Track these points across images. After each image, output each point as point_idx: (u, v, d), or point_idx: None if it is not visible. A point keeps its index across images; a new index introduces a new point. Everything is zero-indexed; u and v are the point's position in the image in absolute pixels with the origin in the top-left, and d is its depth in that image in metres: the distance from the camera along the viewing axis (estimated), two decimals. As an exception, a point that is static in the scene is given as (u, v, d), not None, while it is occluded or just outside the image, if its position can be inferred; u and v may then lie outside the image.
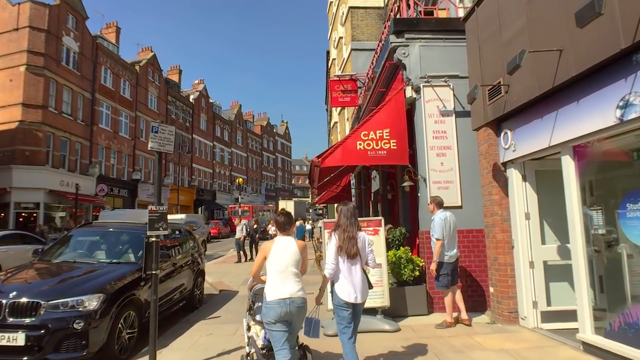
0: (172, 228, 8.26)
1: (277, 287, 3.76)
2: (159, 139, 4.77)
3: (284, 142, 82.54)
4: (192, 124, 46.01)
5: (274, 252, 3.85)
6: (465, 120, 6.99)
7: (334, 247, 4.04)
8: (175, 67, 47.84)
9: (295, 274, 3.84)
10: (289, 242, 3.91)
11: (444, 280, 5.90)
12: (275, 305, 3.69)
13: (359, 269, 4.04)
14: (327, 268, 4.02)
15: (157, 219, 4.64)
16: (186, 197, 42.67)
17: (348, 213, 4.16)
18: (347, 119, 19.43)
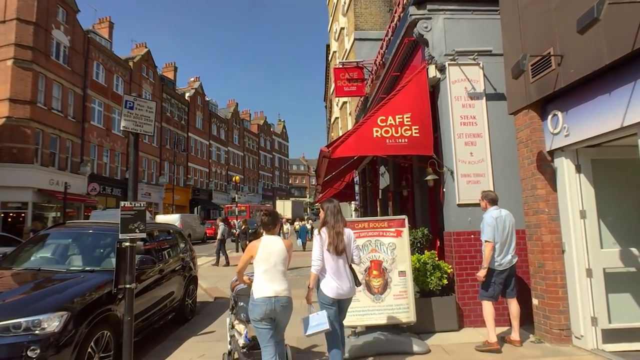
0: (160, 229, 7.30)
1: (263, 286, 3.83)
2: (135, 117, 3.80)
3: (281, 141, 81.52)
4: (187, 123, 44.96)
5: (261, 251, 3.90)
6: (498, 104, 6.06)
7: (319, 244, 4.07)
8: (170, 64, 46.76)
9: (282, 272, 3.92)
10: (276, 241, 3.98)
11: (491, 290, 4.95)
12: (261, 303, 3.76)
13: (344, 265, 4.08)
14: (314, 265, 4.04)
15: (131, 218, 3.67)
16: (182, 196, 41.62)
17: (335, 210, 4.20)
18: (350, 113, 18.47)
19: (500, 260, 4.92)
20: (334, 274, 4.01)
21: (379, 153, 6.05)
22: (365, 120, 6.06)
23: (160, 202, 37.96)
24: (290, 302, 3.92)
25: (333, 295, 3.98)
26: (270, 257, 3.88)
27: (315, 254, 4.06)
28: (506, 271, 4.96)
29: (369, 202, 13.92)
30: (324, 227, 4.15)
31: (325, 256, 4.04)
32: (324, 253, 4.04)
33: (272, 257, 3.88)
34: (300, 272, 12.23)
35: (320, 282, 4.05)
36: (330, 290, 3.99)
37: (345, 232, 4.14)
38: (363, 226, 5.28)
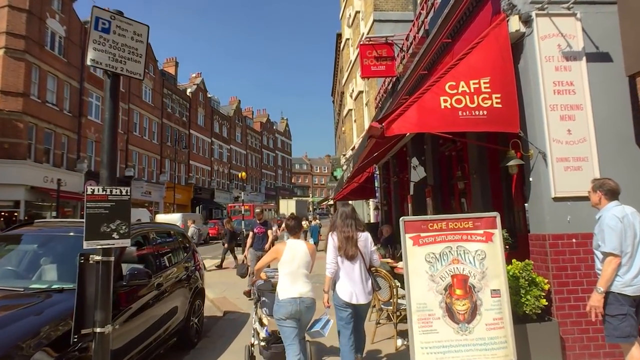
0: (158, 230, 5.84)
1: (288, 288, 3.94)
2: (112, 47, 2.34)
3: (284, 139, 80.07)
4: (189, 119, 43.53)
5: (286, 254, 4.01)
6: (603, 67, 4.61)
7: (332, 247, 4.07)
8: (171, 59, 45.33)
9: (305, 275, 4.02)
10: (300, 245, 4.10)
11: (621, 325, 3.33)
12: (286, 304, 3.88)
13: (360, 269, 4.05)
14: (328, 268, 4.07)
15: (105, 214, 2.22)
16: (183, 195, 40.18)
17: (343, 215, 4.18)
18: (366, 103, 17.01)
19: (631, 281, 3.35)
20: (349, 278, 4.01)
21: (450, 129, 4.58)
22: (429, 88, 4.59)
23: (161, 201, 36.52)
24: (314, 303, 4.02)
25: (347, 299, 3.96)
26: (293, 261, 4.00)
27: (330, 257, 4.08)
28: (638, 297, 3.40)
29: (395, 199, 12.45)
30: (335, 231, 4.12)
31: (340, 260, 4.05)
32: (339, 257, 4.04)
33: (295, 260, 4.00)
34: (319, 279, 10.82)
35: (336, 284, 4.06)
36: (344, 294, 3.99)
37: (360, 236, 4.12)
38: (440, 227, 3.82)
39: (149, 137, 35.55)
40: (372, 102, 15.38)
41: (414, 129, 4.71)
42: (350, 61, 19.04)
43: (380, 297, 5.48)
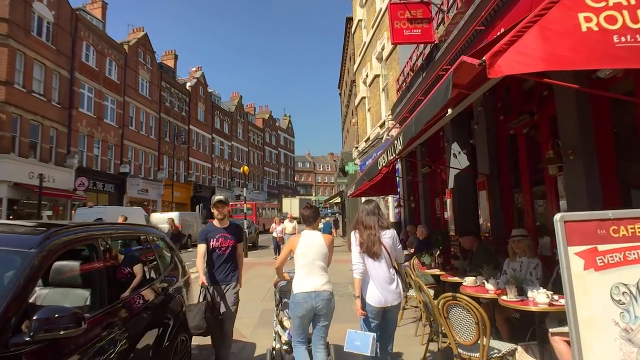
0: (122, 234, 4.01)
1: (302, 281, 3.78)
2: None
3: (287, 136, 78.24)
4: (188, 114, 41.73)
5: (301, 245, 3.89)
6: None
7: (356, 246, 3.80)
8: (170, 52, 43.51)
9: (321, 267, 3.85)
10: (316, 236, 3.95)
11: None
12: (302, 301, 3.71)
13: (387, 269, 3.73)
14: (355, 269, 3.72)
15: None
16: (182, 193, 38.42)
17: (365, 211, 3.94)
18: (383, 88, 15.17)
19: None
20: (376, 280, 3.68)
21: (603, 64, 2.76)
22: (553, 4, 2.73)
23: (158, 199, 34.76)
24: (332, 296, 3.83)
25: (377, 304, 3.63)
26: (309, 253, 3.84)
27: (355, 257, 3.77)
28: None
29: (423, 194, 10.60)
30: (356, 229, 3.90)
31: (366, 261, 3.73)
32: (365, 258, 3.74)
33: (310, 252, 3.85)
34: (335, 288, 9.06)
35: (363, 290, 3.70)
36: (373, 299, 3.65)
37: (385, 234, 3.86)
38: (633, 231, 1.95)
39: (146, 132, 33.77)
40: (391, 86, 13.53)
41: (537, 65, 2.80)
42: (364, 43, 17.18)
43: (457, 338, 3.61)
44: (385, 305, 3.63)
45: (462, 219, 8.05)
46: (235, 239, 4.65)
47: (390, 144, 5.07)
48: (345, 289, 9.27)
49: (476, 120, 6.93)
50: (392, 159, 5.03)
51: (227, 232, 4.63)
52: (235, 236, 4.67)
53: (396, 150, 4.76)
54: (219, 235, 4.57)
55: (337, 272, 11.29)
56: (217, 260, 4.51)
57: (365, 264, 3.72)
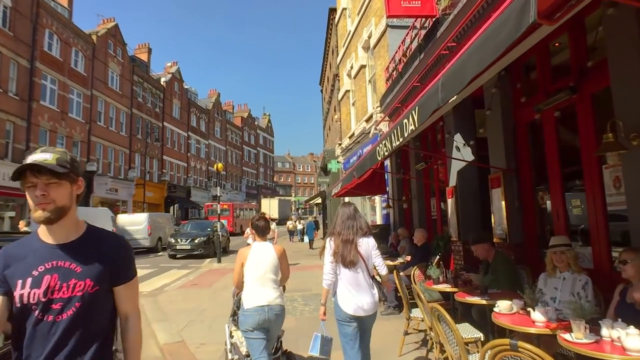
0: None
1: (254, 295, 3.64)
2: None
3: (267, 136, 76.64)
4: (163, 111, 39.88)
5: (251, 258, 3.73)
6: None
7: (329, 254, 3.62)
8: (143, 45, 41.60)
9: (273, 280, 3.72)
10: (267, 248, 3.82)
11: None
12: (254, 313, 3.57)
13: (362, 277, 3.56)
14: (325, 279, 3.63)
15: None
16: (155, 193, 36.63)
17: (344, 215, 3.72)
18: (369, 80, 14.05)
19: None
20: (352, 287, 3.52)
21: None
22: None
23: (129, 199, 32.89)
24: (283, 310, 3.75)
25: (351, 311, 3.48)
26: (260, 265, 3.71)
27: (327, 267, 3.62)
28: None
29: (417, 194, 9.48)
30: (332, 235, 3.68)
31: (341, 269, 3.57)
32: (339, 266, 3.56)
33: (262, 265, 3.71)
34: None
35: (337, 295, 3.57)
36: (347, 306, 3.50)
37: (361, 241, 3.62)
38: None
39: (116, 128, 31.89)
40: (379, 76, 12.42)
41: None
42: (349, 32, 16.04)
43: None
44: (360, 314, 3.51)
45: (466, 222, 6.95)
46: (96, 277, 1.66)
47: (397, 125, 3.89)
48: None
49: (488, 106, 5.82)
50: (399, 144, 3.86)
51: (73, 257, 1.66)
52: (96, 270, 1.67)
53: (406, 131, 3.59)
54: (42, 271, 1.63)
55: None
56: (39, 343, 1.59)
57: (340, 272, 3.58)
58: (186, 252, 18.67)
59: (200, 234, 19.42)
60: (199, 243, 18.69)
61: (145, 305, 8.05)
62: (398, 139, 3.84)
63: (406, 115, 3.60)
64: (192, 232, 19.87)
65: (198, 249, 18.53)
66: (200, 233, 19.61)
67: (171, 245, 18.91)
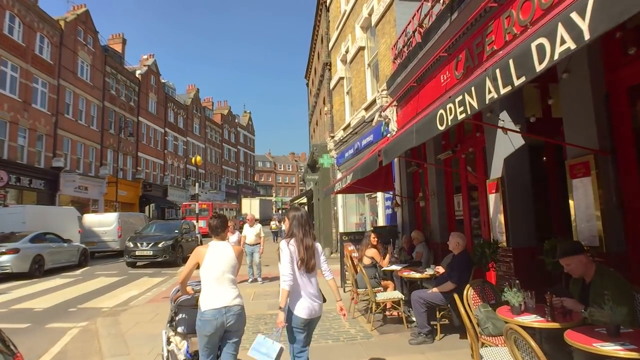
0: None
1: (212, 296, 3.52)
2: None
3: (247, 134, 74.56)
4: (138, 105, 37.63)
5: (209, 258, 3.60)
6: None
7: (288, 257, 3.53)
8: (118, 35, 39.19)
9: (231, 280, 3.64)
10: (225, 247, 3.69)
11: None
12: (211, 318, 3.44)
13: (315, 281, 3.65)
14: (285, 281, 3.48)
15: None
16: (129, 192, 34.40)
17: (302, 220, 3.71)
18: (369, 63, 12.52)
19: None
20: (307, 293, 3.56)
21: None
22: None
23: (100, 198, 30.61)
24: (243, 310, 3.64)
25: (306, 315, 3.52)
26: (218, 265, 3.58)
27: (286, 269, 3.52)
28: None
29: (436, 190, 7.96)
30: (292, 240, 3.63)
31: (297, 273, 3.55)
32: (295, 270, 3.54)
33: (220, 265, 3.59)
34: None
35: (291, 302, 3.54)
36: (303, 311, 3.52)
37: (314, 246, 3.66)
38: None
39: (86, 121, 29.61)
40: (383, 56, 10.89)
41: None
42: (344, 12, 14.48)
43: None
44: (312, 317, 3.56)
45: (516, 223, 5.47)
46: None
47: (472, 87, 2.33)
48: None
49: (565, 67, 4.31)
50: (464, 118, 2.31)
51: None
52: None
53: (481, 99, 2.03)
54: None
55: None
56: None
57: (295, 276, 3.54)
58: (148, 259, 15.56)
59: (165, 237, 16.29)
60: (163, 248, 15.57)
61: (101, 331, 6.32)
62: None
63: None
64: (156, 235, 16.65)
65: (162, 255, 15.43)
66: (166, 236, 16.50)
67: (129, 251, 15.65)
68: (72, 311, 8.19)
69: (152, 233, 17.17)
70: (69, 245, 15.68)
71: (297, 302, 3.51)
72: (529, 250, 5.45)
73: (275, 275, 11.65)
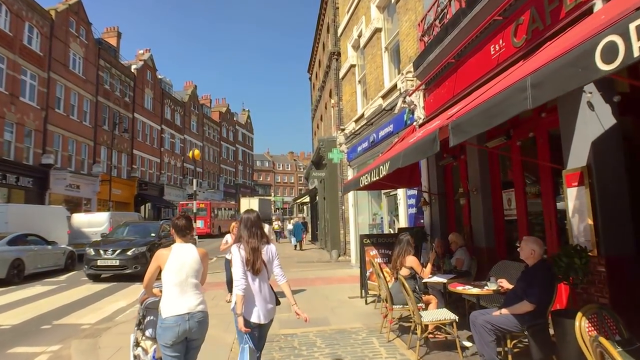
0: None
1: (174, 302, 3.32)
2: None
3: (246, 132, 73.17)
4: (133, 100, 36.26)
5: (172, 261, 3.37)
6: None
7: (240, 260, 3.55)
8: (112, 29, 37.87)
9: (195, 285, 3.44)
10: (189, 250, 3.48)
11: None
12: (173, 325, 3.24)
13: (264, 285, 3.64)
14: (238, 285, 3.48)
15: None
16: (124, 191, 33.08)
17: (248, 223, 3.69)
18: (386, 47, 11.26)
19: None
20: (255, 296, 3.56)
21: None
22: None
23: (93, 197, 29.25)
24: (206, 317, 3.46)
25: (256, 319, 3.52)
26: (181, 269, 3.38)
27: (238, 272, 3.52)
28: None
29: (480, 184, 6.69)
30: (240, 242, 3.64)
31: (249, 277, 3.57)
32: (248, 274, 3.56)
33: (183, 268, 3.38)
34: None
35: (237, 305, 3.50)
36: (251, 314, 3.52)
37: (265, 248, 3.67)
38: None
39: (78, 117, 28.25)
40: (406, 36, 9.63)
41: None
42: (358, -9, 13.18)
43: None
44: (260, 321, 3.54)
45: (610, 224, 4.22)
46: None
47: None
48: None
49: None
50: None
51: None
52: None
53: None
54: None
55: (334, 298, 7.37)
56: None
57: (248, 279, 3.55)
58: (112, 271, 12.51)
59: (137, 242, 13.09)
60: (134, 256, 12.39)
61: (75, 358, 5.02)
62: None
63: None
64: (126, 240, 13.55)
65: (132, 265, 12.29)
66: (139, 241, 13.31)
67: (89, 260, 12.47)
68: (45, 329, 6.88)
69: (123, 237, 14.21)
70: (53, 248, 14.35)
71: (247, 305, 3.49)
72: (627, 259, 4.21)
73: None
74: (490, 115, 2.94)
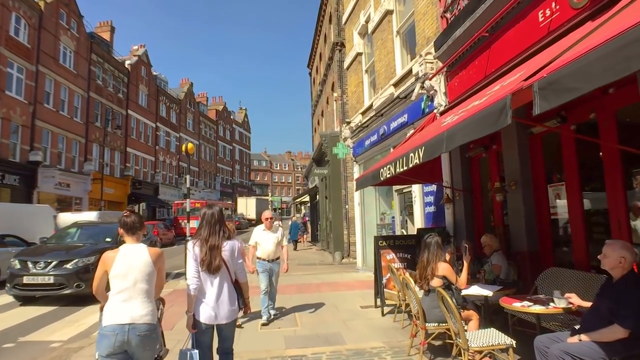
0: None
1: (116, 310, 2.93)
2: None
3: (243, 131, 72.04)
4: (127, 97, 35.16)
5: (118, 264, 2.98)
6: None
7: (193, 258, 3.42)
8: (105, 23, 36.78)
9: (145, 291, 3.00)
10: (139, 251, 3.06)
11: None
12: (109, 333, 2.86)
13: (224, 284, 3.45)
14: (190, 284, 3.37)
15: None
16: (117, 190, 32.02)
17: (211, 219, 3.51)
18: (398, 30, 10.28)
19: None
20: (210, 295, 3.40)
21: None
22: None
23: (85, 196, 28.17)
24: (153, 330, 2.99)
25: (206, 320, 3.38)
26: (129, 273, 2.98)
27: (191, 271, 3.39)
28: None
29: (522, 179, 5.71)
30: (197, 239, 3.48)
31: (203, 275, 3.41)
32: (200, 271, 3.41)
33: (131, 272, 2.98)
34: None
35: (195, 304, 3.40)
36: (203, 314, 3.38)
37: (226, 245, 3.49)
38: None
39: (68, 112, 27.13)
40: (423, 16, 8.65)
41: None
42: (365, -27, 12.18)
43: None
44: (214, 322, 3.41)
45: None
46: None
47: None
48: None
49: None
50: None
51: None
52: None
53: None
54: None
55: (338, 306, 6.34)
56: None
57: (202, 278, 3.40)
58: (45, 290, 8.96)
59: (83, 251, 9.49)
60: (74, 270, 8.92)
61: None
62: None
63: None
64: (69, 248, 9.93)
65: (73, 282, 8.83)
66: (86, 249, 9.66)
67: (12, 277, 8.95)
68: (8, 348, 5.82)
69: (68, 243, 10.57)
70: (35, 250, 13.22)
71: (198, 305, 3.39)
72: None
73: (285, 292, 9.45)
74: (623, 58, 1.92)
